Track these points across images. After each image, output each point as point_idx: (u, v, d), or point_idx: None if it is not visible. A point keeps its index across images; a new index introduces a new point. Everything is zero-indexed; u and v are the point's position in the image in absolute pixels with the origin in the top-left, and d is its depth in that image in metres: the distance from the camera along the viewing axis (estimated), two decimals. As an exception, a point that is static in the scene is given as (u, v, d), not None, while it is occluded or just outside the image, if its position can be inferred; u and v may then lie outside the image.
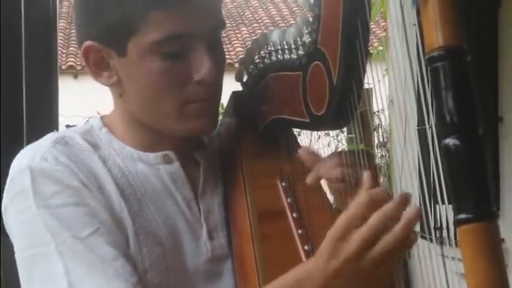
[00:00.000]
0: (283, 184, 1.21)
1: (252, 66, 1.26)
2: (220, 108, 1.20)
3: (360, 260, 0.92)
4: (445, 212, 0.89)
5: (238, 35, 13.98)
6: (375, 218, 0.91)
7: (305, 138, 1.38)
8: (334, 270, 0.94)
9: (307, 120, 1.10)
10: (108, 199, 1.09)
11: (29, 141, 1.16)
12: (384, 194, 0.93)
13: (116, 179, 1.12)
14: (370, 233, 0.91)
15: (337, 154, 1.10)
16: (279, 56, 1.19)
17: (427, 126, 0.85)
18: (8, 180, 1.11)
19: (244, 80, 1.29)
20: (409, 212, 0.91)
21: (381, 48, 5.81)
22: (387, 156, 6.54)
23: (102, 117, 1.22)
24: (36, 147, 1.12)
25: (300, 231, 1.16)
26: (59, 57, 2.51)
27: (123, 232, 1.08)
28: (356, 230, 0.92)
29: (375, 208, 0.92)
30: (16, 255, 1.10)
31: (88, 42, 1.11)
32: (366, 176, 0.96)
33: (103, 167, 1.12)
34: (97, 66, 1.13)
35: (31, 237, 1.08)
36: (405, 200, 0.92)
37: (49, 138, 1.14)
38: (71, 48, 12.55)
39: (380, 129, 6.75)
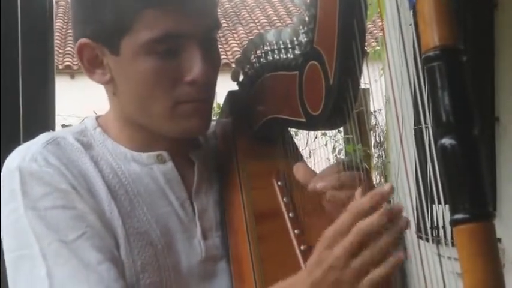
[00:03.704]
0: (279, 184, 1.21)
1: (248, 66, 1.26)
2: (216, 108, 1.20)
3: (341, 270, 0.92)
4: (442, 212, 0.89)
5: (235, 35, 13.97)
6: (355, 229, 0.92)
7: (302, 138, 1.38)
8: (316, 279, 0.95)
9: (304, 120, 1.10)
10: (98, 201, 1.09)
11: (26, 141, 1.16)
12: (373, 208, 0.93)
13: (108, 179, 1.12)
14: (351, 244, 0.92)
15: (335, 169, 1.08)
16: (275, 56, 1.19)
17: (424, 126, 0.85)
18: (0, 181, 1.11)
19: (241, 79, 1.29)
20: (396, 226, 0.92)
21: (378, 48, 5.81)
22: (384, 156, 6.55)
23: (97, 117, 1.22)
24: (27, 148, 1.12)
25: (296, 231, 1.16)
26: (55, 57, 2.51)
27: (112, 234, 1.08)
28: (341, 240, 0.93)
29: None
30: (5, 256, 1.10)
31: (82, 40, 1.12)
32: (358, 191, 0.97)
33: (94, 168, 1.12)
34: (91, 64, 1.14)
35: (18, 238, 1.08)
36: (391, 213, 0.92)
37: (41, 138, 1.14)
38: (67, 48, 12.53)
39: (377, 128, 6.76)
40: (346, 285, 0.93)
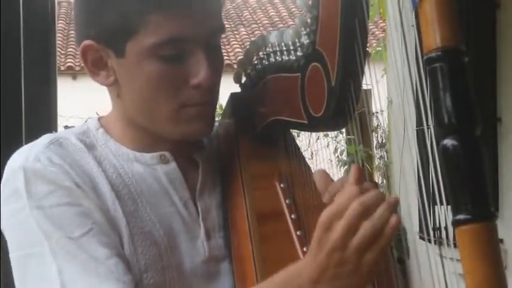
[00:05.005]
0: (281, 185, 1.21)
1: (250, 68, 1.26)
2: (219, 109, 1.20)
3: (343, 249, 0.93)
4: (444, 213, 0.89)
5: (237, 36, 13.97)
6: (354, 205, 0.92)
7: (304, 139, 1.38)
8: (320, 263, 0.95)
9: (306, 122, 1.10)
10: (102, 199, 1.10)
11: (28, 142, 1.16)
12: (369, 187, 0.94)
13: (111, 179, 1.12)
14: (350, 221, 0.92)
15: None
16: (277, 58, 1.19)
17: (425, 127, 0.85)
18: (2, 181, 1.12)
19: (243, 81, 1.29)
20: (388, 199, 0.92)
21: (379, 48, 5.81)
22: (386, 157, 6.54)
23: (99, 118, 1.22)
24: (30, 148, 1.12)
25: (298, 233, 1.16)
26: (57, 58, 2.51)
27: (117, 232, 1.09)
28: (339, 220, 0.93)
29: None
30: (10, 255, 1.10)
31: (87, 41, 1.12)
32: (353, 169, 0.97)
33: (98, 168, 1.12)
34: (95, 66, 1.14)
35: (25, 237, 1.08)
36: (384, 194, 0.93)
37: (43, 139, 1.14)
38: (69, 49, 12.53)
39: (379, 129, 6.75)
40: (350, 264, 0.93)
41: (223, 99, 1.31)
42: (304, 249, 1.14)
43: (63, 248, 1.05)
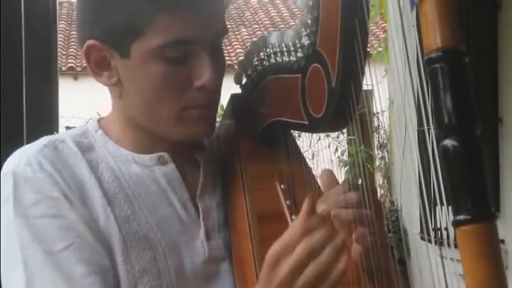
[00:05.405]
0: (282, 186, 1.21)
1: (250, 69, 1.26)
2: (220, 110, 1.20)
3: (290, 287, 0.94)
4: (446, 213, 0.89)
5: (238, 37, 13.97)
6: (301, 246, 0.94)
7: (305, 139, 1.38)
8: None
9: (306, 123, 1.10)
10: (91, 209, 1.09)
11: (29, 143, 1.16)
12: (318, 223, 0.95)
13: (107, 184, 1.12)
14: (296, 261, 0.94)
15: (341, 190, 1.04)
16: (277, 59, 1.19)
17: (426, 127, 0.85)
18: (0, 183, 1.11)
19: (243, 82, 1.29)
20: (334, 241, 0.94)
21: (380, 48, 5.81)
22: (387, 157, 6.54)
23: (99, 120, 1.22)
24: (24, 151, 1.12)
25: (299, 234, 1.15)
26: (59, 58, 2.51)
27: (105, 243, 1.08)
28: (286, 259, 0.94)
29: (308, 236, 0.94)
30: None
31: (90, 41, 1.11)
32: (304, 205, 0.98)
33: (90, 174, 1.12)
34: (98, 66, 1.13)
35: (6, 244, 1.08)
36: (331, 235, 0.94)
37: (40, 141, 1.14)
38: (71, 50, 12.54)
39: (380, 130, 6.76)
40: None
41: (224, 100, 1.31)
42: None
43: (38, 262, 1.05)
